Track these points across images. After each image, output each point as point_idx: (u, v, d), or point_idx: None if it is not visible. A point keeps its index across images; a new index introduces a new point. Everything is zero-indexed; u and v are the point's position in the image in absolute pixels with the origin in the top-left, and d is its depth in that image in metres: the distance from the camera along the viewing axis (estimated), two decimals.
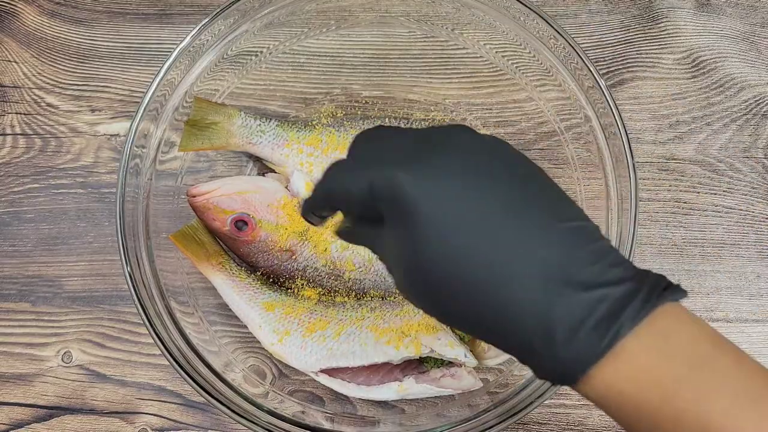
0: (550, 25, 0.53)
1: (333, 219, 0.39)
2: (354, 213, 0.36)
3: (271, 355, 0.54)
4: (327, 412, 0.54)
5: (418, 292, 0.32)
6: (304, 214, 0.39)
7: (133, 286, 0.49)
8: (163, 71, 0.52)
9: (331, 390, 0.53)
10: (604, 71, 0.64)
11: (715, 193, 0.62)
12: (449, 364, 0.52)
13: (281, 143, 0.57)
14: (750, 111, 0.64)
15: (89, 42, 0.65)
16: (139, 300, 0.49)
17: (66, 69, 0.64)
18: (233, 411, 0.47)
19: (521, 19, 0.54)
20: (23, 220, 0.61)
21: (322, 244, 0.55)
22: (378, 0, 0.60)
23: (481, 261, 0.29)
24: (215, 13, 0.53)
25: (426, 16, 0.59)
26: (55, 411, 0.57)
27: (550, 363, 0.29)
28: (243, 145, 0.57)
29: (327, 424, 0.52)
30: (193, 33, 0.53)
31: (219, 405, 0.47)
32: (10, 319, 0.59)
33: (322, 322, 0.53)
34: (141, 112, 0.52)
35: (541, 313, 0.28)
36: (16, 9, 0.66)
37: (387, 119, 0.58)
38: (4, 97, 0.64)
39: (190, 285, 0.55)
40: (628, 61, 0.65)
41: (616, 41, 0.65)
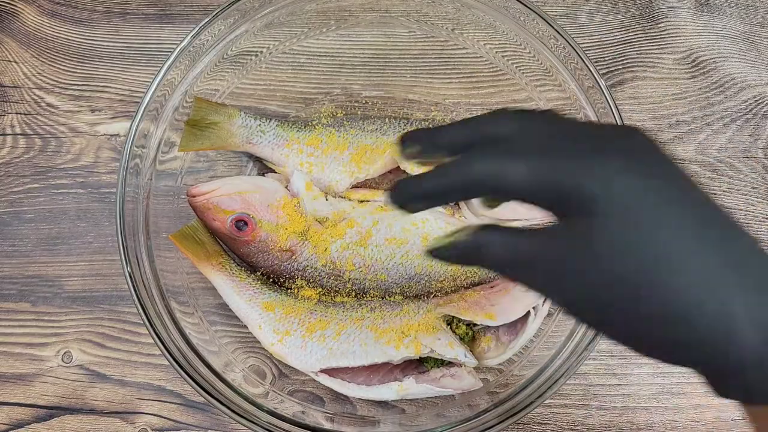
0: (550, 25, 0.53)
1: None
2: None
3: (271, 355, 0.54)
4: (327, 412, 0.54)
5: (602, 304, 0.28)
6: (404, 201, 0.32)
7: (133, 286, 0.49)
8: (163, 71, 0.52)
9: (331, 390, 0.53)
10: (604, 71, 0.64)
11: (715, 193, 0.62)
12: (449, 364, 0.52)
13: (281, 143, 0.57)
14: (750, 111, 0.64)
15: (89, 42, 0.65)
16: (139, 300, 0.49)
17: (66, 69, 0.64)
18: (233, 411, 0.47)
19: (521, 19, 0.54)
20: (23, 220, 0.61)
21: (322, 244, 0.54)
22: (378, 0, 0.60)
23: (683, 282, 0.27)
24: (215, 13, 0.53)
25: (426, 16, 0.60)
26: (55, 411, 0.57)
27: (759, 387, 0.28)
28: (243, 145, 0.57)
29: (327, 424, 0.52)
30: (193, 33, 0.53)
31: (219, 405, 0.47)
32: (10, 319, 0.59)
33: (322, 322, 0.53)
34: (141, 112, 0.52)
35: (756, 351, 0.27)
36: (16, 9, 0.66)
37: (387, 119, 0.59)
38: (5, 97, 0.64)
39: (190, 285, 0.55)
40: (628, 61, 0.65)
41: (616, 41, 0.65)
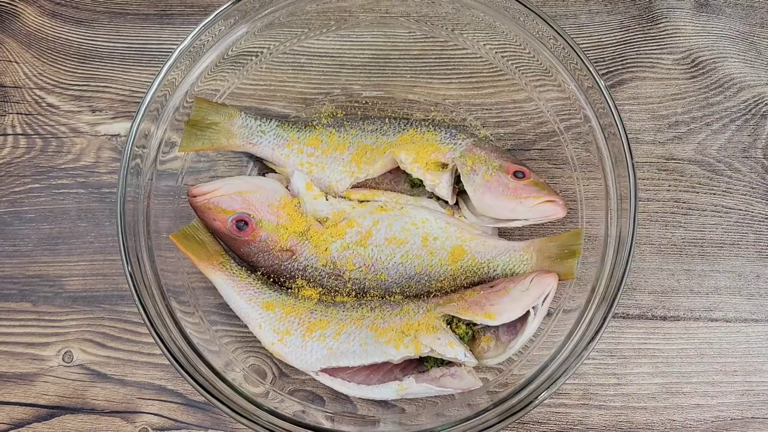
0: (550, 26, 0.53)
1: None
2: None
3: (272, 354, 0.54)
4: (327, 412, 0.54)
5: None
6: None
7: (134, 286, 0.49)
8: (163, 71, 0.52)
9: (331, 389, 0.53)
10: (603, 71, 0.64)
11: (714, 193, 0.62)
12: (449, 363, 0.52)
13: (282, 143, 0.57)
14: (749, 111, 0.64)
15: (90, 42, 0.65)
16: (139, 300, 0.49)
17: (67, 69, 0.65)
18: (234, 410, 0.47)
19: (521, 19, 0.54)
20: (24, 220, 0.61)
21: (323, 244, 0.55)
22: (378, 0, 0.60)
23: None
24: (216, 13, 0.53)
25: (426, 16, 0.60)
26: (55, 410, 0.57)
27: None
28: (243, 146, 0.57)
29: (327, 424, 0.53)
30: (193, 33, 0.53)
31: (219, 404, 0.47)
32: (11, 318, 0.59)
33: (322, 322, 0.53)
34: (142, 113, 0.52)
35: None
36: (17, 9, 0.66)
37: (387, 119, 0.59)
38: (5, 97, 0.64)
39: (190, 285, 0.56)
40: (628, 61, 0.65)
41: (615, 42, 0.65)
